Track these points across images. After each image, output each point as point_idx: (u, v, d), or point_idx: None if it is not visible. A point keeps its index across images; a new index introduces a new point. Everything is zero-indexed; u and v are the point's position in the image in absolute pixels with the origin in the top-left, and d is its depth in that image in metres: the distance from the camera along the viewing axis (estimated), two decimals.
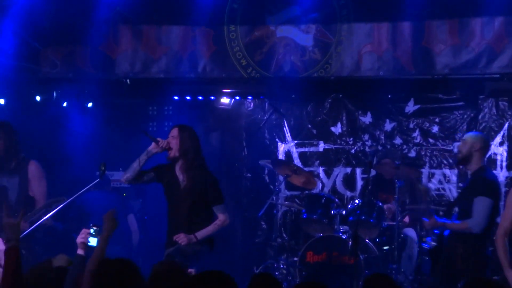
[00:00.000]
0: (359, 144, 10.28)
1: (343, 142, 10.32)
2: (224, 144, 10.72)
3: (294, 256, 9.44)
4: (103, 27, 9.68)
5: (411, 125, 10.14)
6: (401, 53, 9.41)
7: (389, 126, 10.17)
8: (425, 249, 8.05)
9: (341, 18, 9.56)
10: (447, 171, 10.06)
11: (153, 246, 9.15)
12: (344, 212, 9.13)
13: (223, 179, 10.07)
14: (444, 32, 9.27)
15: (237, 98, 10.41)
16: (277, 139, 10.53)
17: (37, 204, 7.84)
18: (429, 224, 7.43)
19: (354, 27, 9.50)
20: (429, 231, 7.69)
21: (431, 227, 7.47)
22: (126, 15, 9.71)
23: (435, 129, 10.04)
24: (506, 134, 9.79)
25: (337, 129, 10.37)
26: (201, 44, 9.80)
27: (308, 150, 10.46)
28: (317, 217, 9.11)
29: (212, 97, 10.43)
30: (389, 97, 10.10)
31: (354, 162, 10.29)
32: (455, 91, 9.95)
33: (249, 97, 10.42)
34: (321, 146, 10.41)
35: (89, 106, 10.36)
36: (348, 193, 10.29)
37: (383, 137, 10.20)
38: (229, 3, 9.73)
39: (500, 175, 9.69)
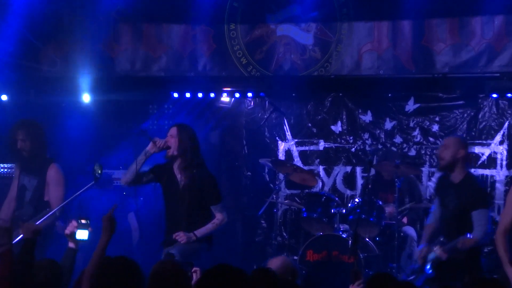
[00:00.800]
0: (359, 142, 10.26)
1: (343, 140, 10.31)
2: (224, 142, 10.70)
3: (294, 254, 9.43)
4: (103, 26, 9.69)
5: (411, 124, 10.12)
6: (401, 51, 9.43)
7: (389, 124, 10.16)
8: (430, 276, 7.71)
9: (341, 16, 9.57)
10: None
11: (150, 244, 9.14)
12: (344, 211, 9.12)
13: (223, 177, 10.12)
14: (444, 31, 9.28)
15: (237, 96, 10.41)
16: (277, 138, 10.51)
17: (51, 209, 7.45)
18: (468, 243, 6.89)
19: (354, 25, 9.52)
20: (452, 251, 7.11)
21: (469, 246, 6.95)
22: (126, 14, 9.72)
23: (435, 128, 10.02)
24: (506, 133, 9.77)
25: (337, 128, 10.35)
26: (201, 42, 9.82)
27: (308, 148, 10.45)
28: (317, 215, 9.11)
29: (212, 96, 10.43)
30: (389, 95, 10.08)
31: (354, 160, 10.27)
32: (455, 90, 9.93)
33: (249, 95, 10.41)
34: (321, 144, 10.39)
35: (88, 104, 10.35)
36: (348, 192, 10.28)
37: (383, 136, 10.18)
38: (230, 2, 9.74)
39: (500, 174, 9.69)
